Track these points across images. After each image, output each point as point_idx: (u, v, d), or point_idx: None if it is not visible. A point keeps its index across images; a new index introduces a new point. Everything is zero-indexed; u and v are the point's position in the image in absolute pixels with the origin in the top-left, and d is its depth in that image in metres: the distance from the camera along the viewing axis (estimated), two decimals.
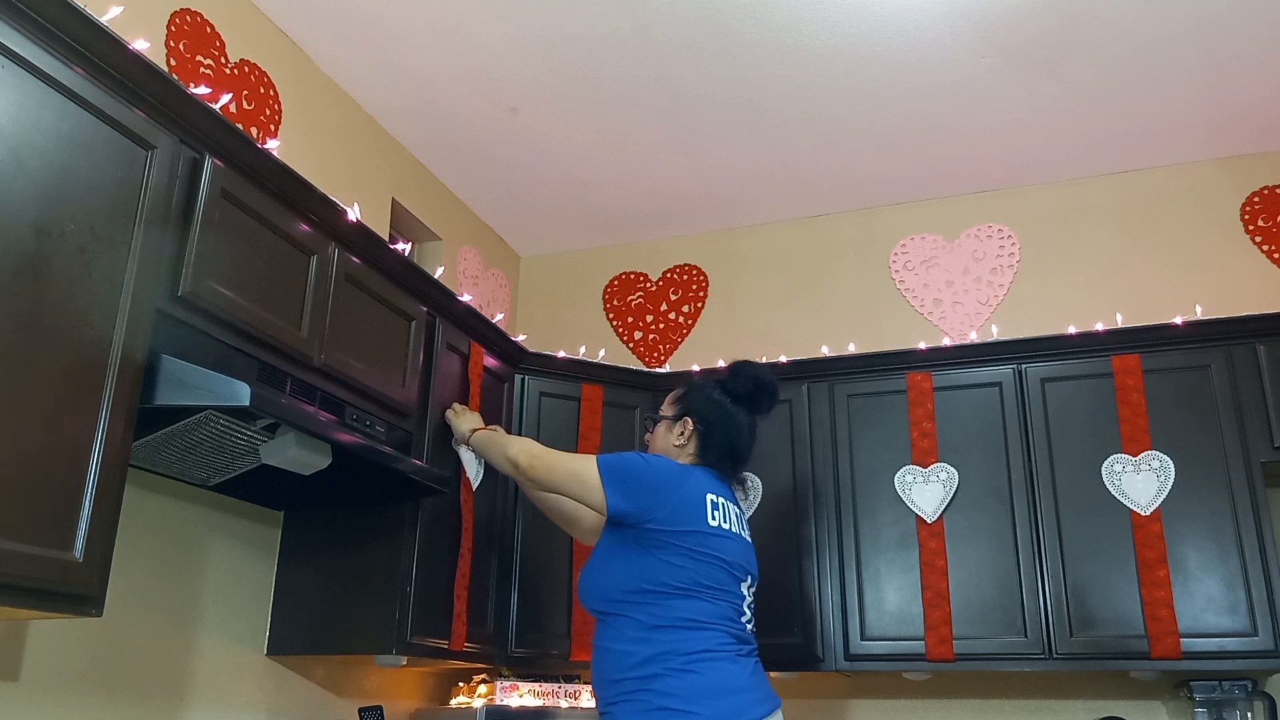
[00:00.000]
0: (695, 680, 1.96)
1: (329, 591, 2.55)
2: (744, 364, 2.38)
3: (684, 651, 1.98)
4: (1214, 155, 3.45)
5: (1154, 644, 2.66)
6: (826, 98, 3.17)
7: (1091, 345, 2.97)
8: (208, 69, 2.60)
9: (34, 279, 1.53)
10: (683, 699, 1.93)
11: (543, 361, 3.21)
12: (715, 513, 2.13)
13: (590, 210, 3.91)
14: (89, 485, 1.59)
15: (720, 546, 2.11)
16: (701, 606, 2.04)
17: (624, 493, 2.10)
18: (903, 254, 3.74)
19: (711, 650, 2.01)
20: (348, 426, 2.27)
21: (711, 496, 2.16)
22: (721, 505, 2.19)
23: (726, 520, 2.18)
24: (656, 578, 2.05)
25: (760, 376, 2.34)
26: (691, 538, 2.07)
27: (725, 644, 2.04)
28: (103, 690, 2.07)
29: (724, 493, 2.24)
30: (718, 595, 2.08)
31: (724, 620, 2.07)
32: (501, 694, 2.88)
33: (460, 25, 2.88)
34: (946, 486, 2.96)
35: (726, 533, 2.15)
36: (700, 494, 2.14)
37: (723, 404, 2.31)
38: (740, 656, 2.07)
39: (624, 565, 2.09)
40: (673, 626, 2.01)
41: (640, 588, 2.06)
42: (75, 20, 1.63)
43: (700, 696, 1.94)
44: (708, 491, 2.16)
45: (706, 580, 2.06)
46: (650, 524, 2.07)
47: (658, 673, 1.98)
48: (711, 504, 2.14)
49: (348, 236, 2.35)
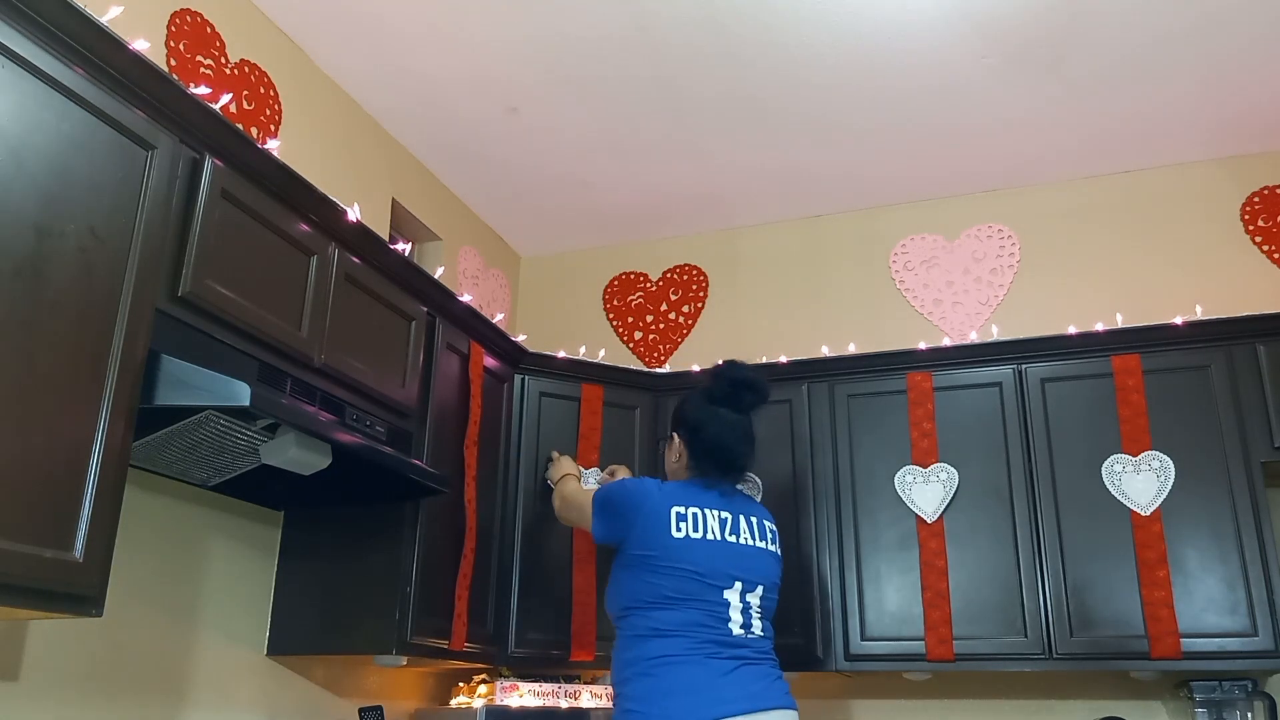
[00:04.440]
0: (651, 683, 2.11)
1: (329, 591, 2.55)
2: (724, 365, 2.46)
3: (646, 657, 2.14)
4: (1214, 155, 3.45)
5: (1154, 644, 2.66)
6: (826, 98, 3.17)
7: (1091, 345, 2.97)
8: (208, 69, 2.60)
9: (34, 279, 1.53)
10: (638, 700, 2.12)
11: (543, 361, 3.21)
12: (682, 524, 2.21)
13: (590, 210, 3.91)
14: (89, 485, 1.58)
15: (688, 557, 2.18)
16: (666, 615, 2.16)
17: (603, 522, 2.34)
18: (903, 254, 3.74)
19: (671, 655, 2.12)
20: (348, 426, 2.27)
21: (679, 509, 2.23)
22: (695, 515, 2.23)
23: (701, 529, 2.22)
24: (634, 594, 2.22)
25: (737, 375, 2.40)
26: (657, 553, 2.20)
27: (690, 649, 2.12)
28: (103, 690, 2.07)
29: (710, 502, 2.28)
30: (686, 604, 2.16)
31: (693, 627, 2.14)
32: (501, 694, 2.88)
33: (460, 25, 2.88)
34: (946, 486, 2.96)
35: (698, 542, 2.21)
36: (664, 510, 2.23)
37: (705, 410, 2.38)
38: (712, 659, 2.12)
39: (614, 584, 2.30)
40: (642, 636, 2.17)
41: (625, 604, 2.25)
42: (75, 20, 1.63)
43: (652, 697, 2.10)
44: (674, 505, 2.23)
45: (671, 591, 2.17)
46: (627, 547, 2.25)
47: (628, 677, 2.17)
48: (678, 516, 2.22)
49: (348, 236, 2.35)
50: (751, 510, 2.35)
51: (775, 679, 2.19)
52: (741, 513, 2.31)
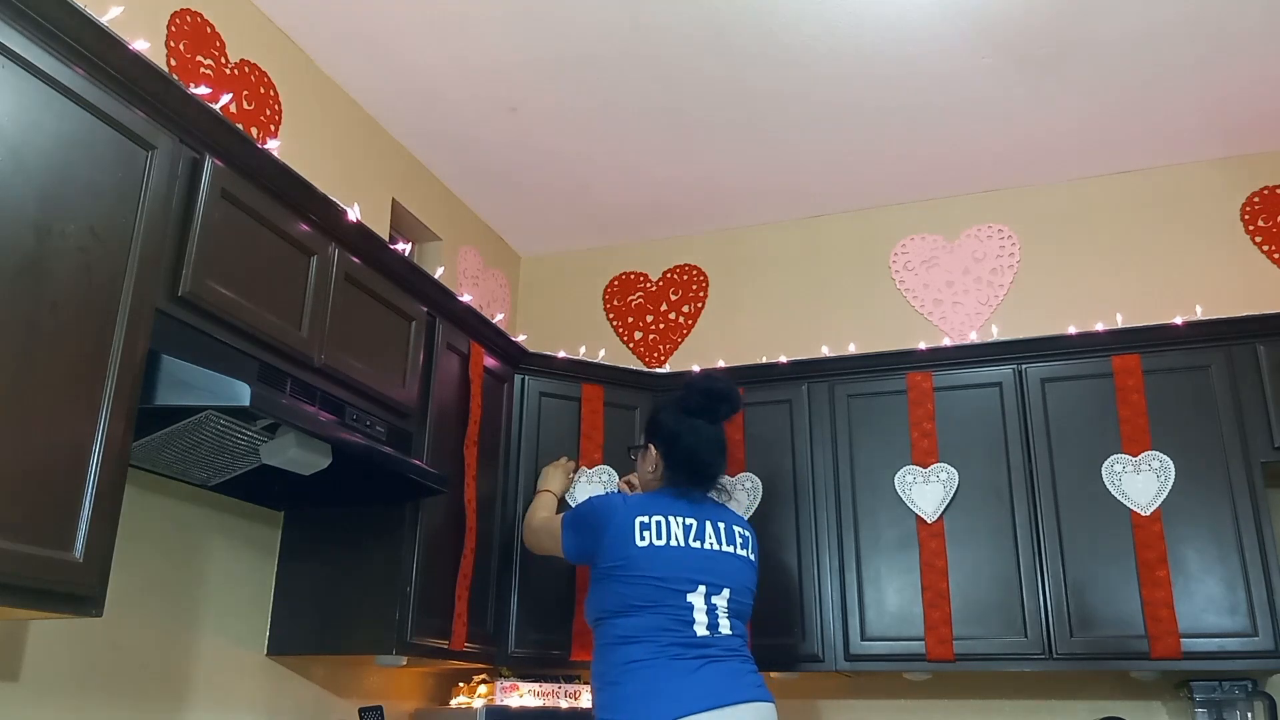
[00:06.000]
0: (617, 691, 2.18)
1: (329, 591, 2.55)
2: (695, 377, 2.53)
3: (616, 664, 2.20)
4: (1214, 155, 3.45)
5: (1154, 644, 2.66)
6: (826, 98, 3.17)
7: (1091, 345, 2.97)
8: (208, 69, 2.60)
9: (34, 279, 1.53)
10: (606, 709, 2.19)
11: (543, 361, 3.21)
12: (645, 533, 2.27)
13: (590, 210, 3.91)
14: (89, 485, 1.58)
15: (650, 565, 2.23)
16: (631, 623, 2.21)
17: (573, 541, 2.42)
18: (903, 254, 3.74)
19: (637, 660, 2.17)
20: (348, 426, 2.27)
21: (643, 519, 2.28)
22: (659, 523, 2.28)
23: (665, 536, 2.27)
24: (603, 604, 2.28)
25: (709, 387, 2.46)
26: (622, 564, 2.25)
27: (655, 653, 2.17)
28: (103, 690, 2.07)
29: (677, 509, 2.32)
30: (650, 610, 2.21)
31: (657, 632, 2.18)
32: (501, 694, 2.88)
33: (461, 25, 2.88)
34: (946, 487, 2.96)
35: (661, 549, 2.25)
36: (628, 521, 2.28)
37: (681, 421, 2.42)
38: (678, 660, 2.16)
39: (589, 596, 2.37)
40: (611, 644, 2.23)
41: (596, 614, 2.32)
42: (75, 20, 1.63)
43: (617, 703, 2.16)
44: (638, 515, 2.28)
45: (635, 599, 2.22)
46: (598, 561, 2.32)
47: (598, 687, 2.24)
48: (641, 525, 2.27)
49: (348, 236, 2.35)
50: (720, 516, 2.39)
51: (744, 674, 2.21)
52: (709, 519, 2.35)
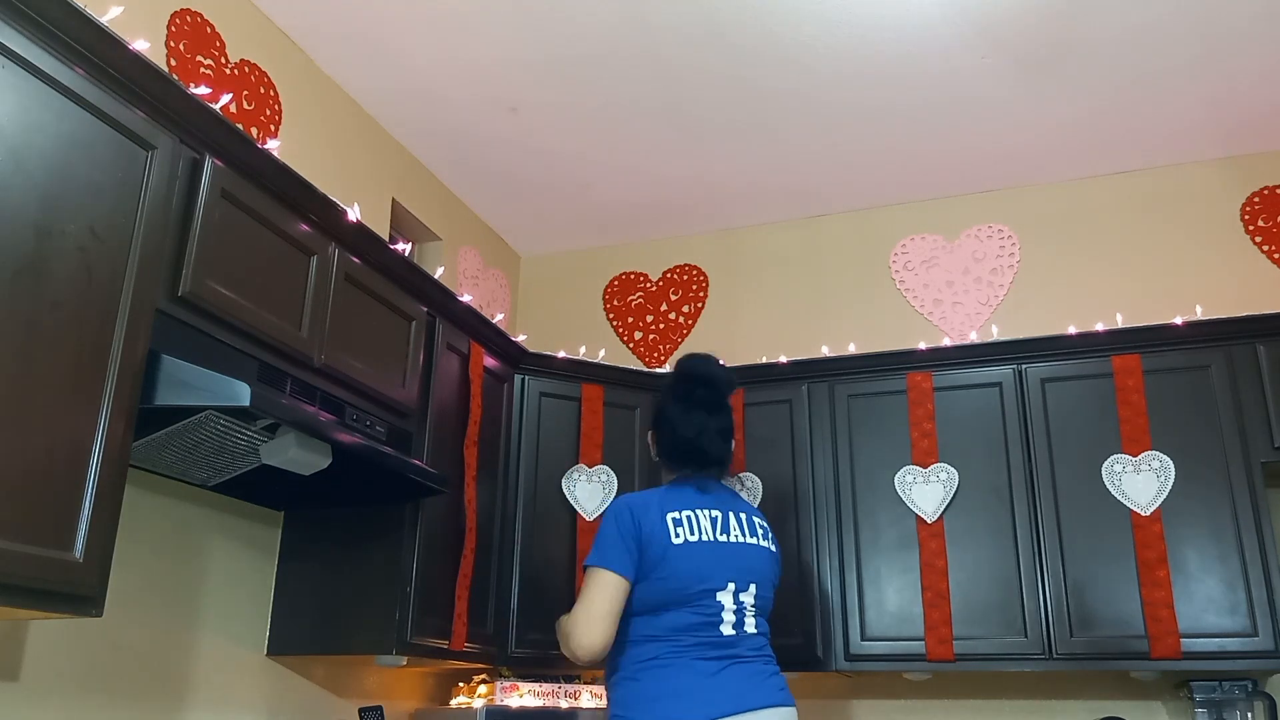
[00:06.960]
0: (636, 688, 2.11)
1: (329, 592, 2.55)
2: (680, 360, 2.42)
3: (635, 660, 2.14)
4: (1214, 155, 3.45)
5: (1154, 644, 2.66)
6: (826, 98, 3.17)
7: (1091, 345, 2.97)
8: (208, 69, 2.60)
9: (34, 279, 1.53)
10: (623, 705, 2.12)
11: (543, 361, 3.21)
12: (679, 529, 2.20)
13: (590, 210, 3.91)
14: (89, 485, 1.58)
15: (685, 563, 2.16)
16: (659, 619, 2.15)
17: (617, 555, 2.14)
18: (903, 254, 3.74)
19: (659, 658, 2.12)
20: (348, 426, 2.27)
21: (673, 514, 2.20)
22: (689, 518, 2.22)
23: (696, 531, 2.21)
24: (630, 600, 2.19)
25: (688, 370, 2.37)
26: (658, 563, 2.15)
27: (678, 651, 2.12)
28: (103, 690, 2.07)
29: (699, 502, 2.26)
30: (679, 608, 2.15)
31: (683, 630, 2.13)
32: (501, 694, 2.88)
33: (460, 25, 2.88)
34: (946, 487, 2.96)
35: (696, 545, 2.19)
36: (660, 519, 2.19)
37: (667, 406, 2.35)
38: (700, 660, 2.11)
39: None
40: (634, 640, 2.17)
41: None
42: (75, 20, 1.63)
43: (637, 702, 2.10)
44: (668, 511, 2.21)
45: (665, 595, 2.15)
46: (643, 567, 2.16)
47: (614, 682, 2.18)
48: (674, 522, 2.19)
49: (348, 236, 2.35)
50: (739, 506, 2.33)
51: (767, 676, 2.18)
52: (730, 509, 2.29)
